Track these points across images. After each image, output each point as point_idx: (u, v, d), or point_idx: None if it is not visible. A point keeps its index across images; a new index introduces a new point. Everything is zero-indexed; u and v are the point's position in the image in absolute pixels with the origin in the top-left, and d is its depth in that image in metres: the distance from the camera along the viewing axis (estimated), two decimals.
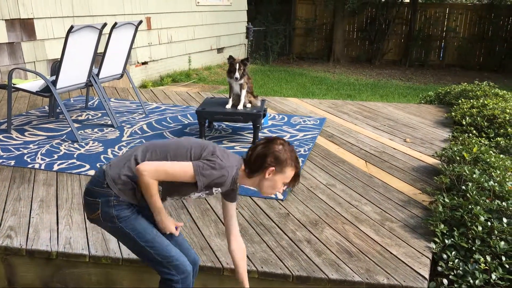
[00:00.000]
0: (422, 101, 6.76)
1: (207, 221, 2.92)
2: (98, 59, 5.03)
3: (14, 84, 4.66)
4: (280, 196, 3.27)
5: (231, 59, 4.36)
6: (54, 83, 4.33)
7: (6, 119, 4.64)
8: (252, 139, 4.40)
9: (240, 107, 4.36)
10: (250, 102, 4.46)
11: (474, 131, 4.60)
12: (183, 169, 1.98)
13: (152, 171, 1.95)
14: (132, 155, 2.11)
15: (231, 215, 2.31)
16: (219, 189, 2.09)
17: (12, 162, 3.78)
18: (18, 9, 6.62)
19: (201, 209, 3.07)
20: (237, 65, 4.29)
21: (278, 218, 2.99)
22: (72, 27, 4.14)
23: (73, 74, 4.52)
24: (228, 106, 4.40)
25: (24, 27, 6.77)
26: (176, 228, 2.17)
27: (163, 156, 2.05)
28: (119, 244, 2.62)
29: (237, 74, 4.28)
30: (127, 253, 2.54)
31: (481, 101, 5.19)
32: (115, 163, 2.14)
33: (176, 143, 2.17)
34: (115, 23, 4.75)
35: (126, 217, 2.05)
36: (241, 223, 2.89)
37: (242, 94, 4.36)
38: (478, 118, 4.74)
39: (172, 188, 2.06)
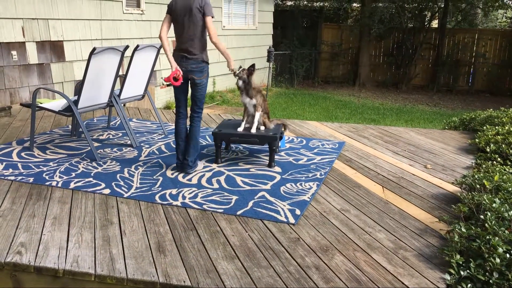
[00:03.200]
0: (446, 127, 6.61)
1: (215, 243, 2.89)
2: (121, 80, 5.15)
3: (39, 103, 4.81)
4: (292, 221, 3.21)
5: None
6: (76, 103, 4.44)
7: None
8: (268, 161, 4.38)
9: (253, 130, 4.35)
10: (264, 124, 4.45)
11: (499, 159, 4.45)
12: None
13: None
14: None
15: None
16: None
17: (31, 179, 3.86)
18: (49, 32, 6.89)
19: (211, 231, 3.04)
20: (241, 69, 4.26)
21: (288, 243, 2.93)
22: (94, 49, 4.26)
23: (94, 95, 4.63)
24: (240, 128, 4.39)
25: (54, 49, 7.02)
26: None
27: None
28: (125, 264, 2.62)
29: (236, 70, 4.18)
30: (132, 274, 2.53)
31: (506, 128, 5.03)
32: None
33: None
34: (137, 46, 4.87)
35: None
36: (250, 247, 2.85)
37: (256, 116, 4.36)
38: (503, 146, 4.59)
39: None
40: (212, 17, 3.87)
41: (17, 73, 6.58)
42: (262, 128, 4.43)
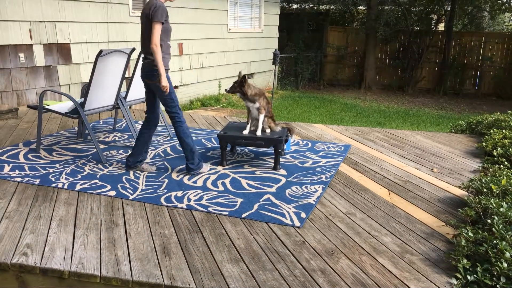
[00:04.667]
0: (453, 130, 6.57)
1: (220, 246, 2.89)
2: (127, 82, 5.17)
3: (46, 105, 4.83)
4: (297, 224, 3.20)
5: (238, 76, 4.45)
6: (82, 105, 4.45)
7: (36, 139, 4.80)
8: (273, 164, 4.37)
9: (259, 132, 4.34)
10: (270, 127, 4.44)
11: (506, 163, 4.41)
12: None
13: None
14: None
15: None
16: None
17: (37, 181, 3.88)
18: (56, 34, 6.93)
19: (216, 234, 3.04)
20: (235, 80, 4.38)
21: (293, 246, 2.92)
22: (101, 51, 4.28)
23: (101, 97, 4.64)
24: (245, 131, 4.40)
25: (61, 51, 7.06)
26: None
27: None
28: (130, 266, 2.62)
29: (227, 88, 4.43)
30: (137, 276, 2.53)
31: None
32: None
33: None
34: None
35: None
36: (255, 250, 2.84)
37: (260, 119, 4.36)
38: (510, 149, 4.55)
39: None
40: (162, 22, 3.70)
41: (24, 75, 6.62)
42: (268, 131, 4.42)
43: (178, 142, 5.21)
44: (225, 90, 4.45)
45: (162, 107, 4.21)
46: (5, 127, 5.71)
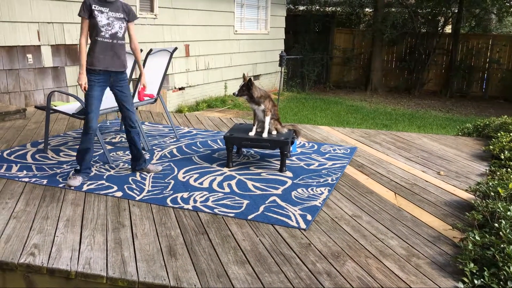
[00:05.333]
0: (460, 133, 6.54)
1: (226, 247, 2.89)
2: (134, 83, 5.18)
3: (54, 106, 4.87)
4: (303, 226, 3.20)
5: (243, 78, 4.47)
6: None
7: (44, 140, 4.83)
8: (279, 166, 4.37)
9: (265, 134, 4.35)
10: (276, 129, 4.44)
11: None
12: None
13: None
14: None
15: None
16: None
17: (45, 181, 3.90)
18: (63, 35, 6.97)
19: (222, 235, 3.04)
20: (242, 84, 4.40)
21: (299, 248, 2.92)
22: None
23: (107, 98, 4.65)
24: (252, 133, 4.40)
25: (69, 52, 7.11)
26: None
27: None
28: (136, 266, 2.63)
29: (235, 91, 4.44)
30: (143, 277, 2.54)
31: None
32: None
33: None
34: (151, 50, 4.90)
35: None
36: (261, 252, 2.84)
37: (266, 120, 4.36)
38: None
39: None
40: (84, 17, 3.73)
41: (32, 76, 6.67)
42: (274, 133, 4.43)
43: (184, 143, 5.23)
44: (233, 93, 4.47)
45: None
46: (13, 127, 5.75)
